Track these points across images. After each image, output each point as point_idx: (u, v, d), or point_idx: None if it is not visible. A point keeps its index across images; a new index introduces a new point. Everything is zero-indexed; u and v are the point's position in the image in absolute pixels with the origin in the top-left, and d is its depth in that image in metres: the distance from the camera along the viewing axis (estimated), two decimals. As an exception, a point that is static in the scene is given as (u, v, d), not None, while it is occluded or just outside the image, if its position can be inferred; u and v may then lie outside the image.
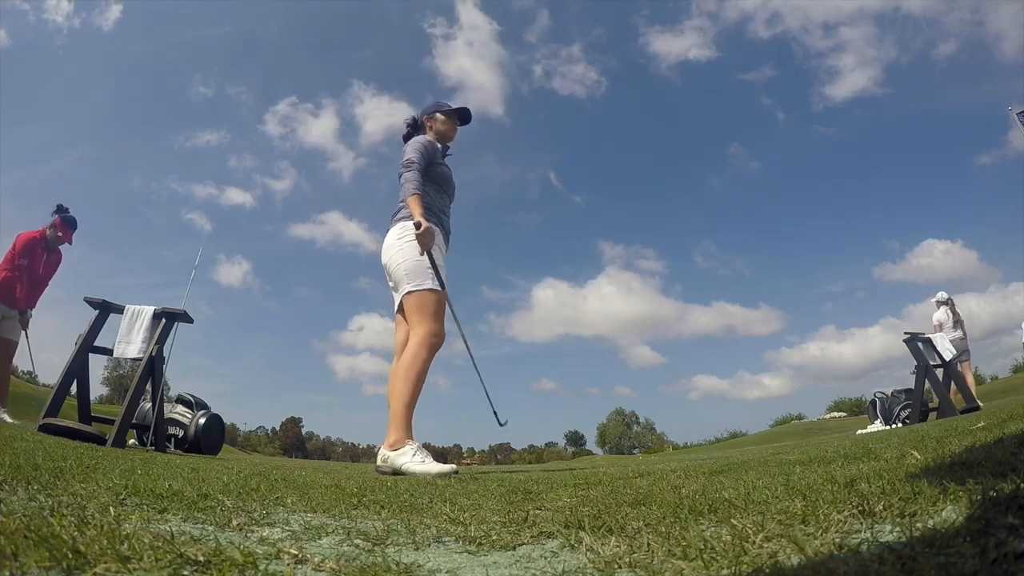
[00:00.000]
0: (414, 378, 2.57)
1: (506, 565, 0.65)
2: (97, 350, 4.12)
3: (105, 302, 4.11)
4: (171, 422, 5.30)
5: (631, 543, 0.68)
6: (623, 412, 67.34)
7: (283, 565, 0.59)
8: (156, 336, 4.07)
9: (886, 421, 7.22)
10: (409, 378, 2.56)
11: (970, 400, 5.99)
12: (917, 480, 0.85)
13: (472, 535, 0.79)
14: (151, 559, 0.53)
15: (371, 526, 0.86)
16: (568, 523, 0.85)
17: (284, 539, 0.73)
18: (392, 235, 2.84)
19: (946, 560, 0.46)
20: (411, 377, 2.56)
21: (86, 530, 0.61)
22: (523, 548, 0.73)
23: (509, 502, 1.21)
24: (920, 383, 6.26)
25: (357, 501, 1.21)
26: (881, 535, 0.59)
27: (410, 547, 0.73)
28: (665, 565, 0.58)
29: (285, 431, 68.93)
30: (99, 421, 4.22)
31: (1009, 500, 0.59)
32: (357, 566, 0.60)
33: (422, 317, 2.68)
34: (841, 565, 0.47)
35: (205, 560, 0.55)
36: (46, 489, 0.94)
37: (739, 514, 0.79)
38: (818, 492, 0.90)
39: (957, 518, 0.58)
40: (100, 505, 0.83)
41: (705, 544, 0.62)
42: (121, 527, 0.65)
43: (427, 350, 2.63)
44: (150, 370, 4.00)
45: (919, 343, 6.17)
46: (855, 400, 41.23)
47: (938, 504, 0.68)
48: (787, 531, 0.65)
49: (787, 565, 0.52)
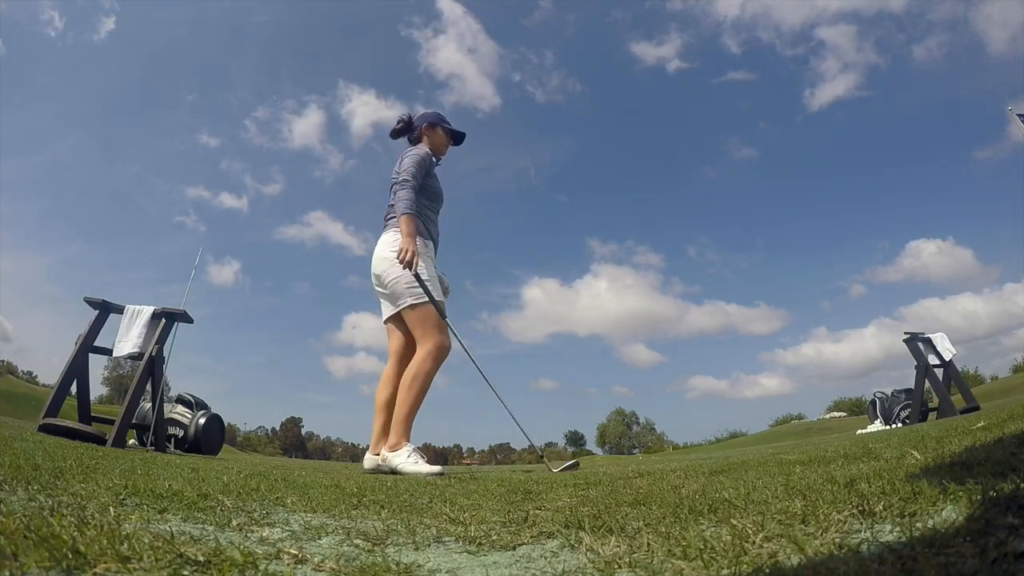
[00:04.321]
0: (418, 389, 2.70)
1: (506, 565, 0.65)
2: (97, 350, 4.11)
3: (105, 302, 4.11)
4: (171, 422, 5.29)
5: (631, 543, 0.68)
6: (623, 412, 67.37)
7: (283, 565, 0.59)
8: (156, 335, 4.07)
9: (886, 421, 7.22)
10: (414, 388, 2.69)
11: (970, 400, 5.99)
12: (917, 480, 0.85)
13: (472, 535, 0.79)
14: (151, 559, 0.53)
15: (371, 526, 0.86)
16: (568, 523, 0.85)
17: (284, 539, 0.73)
18: (384, 245, 2.86)
19: (946, 560, 0.46)
20: (416, 387, 2.69)
21: (86, 530, 0.61)
22: (523, 548, 0.73)
23: (509, 502, 1.21)
24: (920, 383, 6.27)
25: (357, 501, 1.21)
26: (881, 535, 0.59)
27: (410, 547, 0.73)
28: (665, 565, 0.58)
29: (285, 431, 68.95)
30: (99, 421, 4.22)
31: (1009, 500, 0.59)
32: (357, 566, 0.60)
33: (427, 330, 2.76)
34: (841, 565, 0.47)
35: (205, 560, 0.55)
36: (46, 489, 0.94)
37: (739, 514, 0.79)
38: (818, 492, 0.90)
39: (957, 518, 0.58)
40: (100, 505, 0.83)
41: (705, 544, 0.62)
42: (121, 527, 0.65)
43: (434, 362, 2.74)
44: (150, 370, 4.00)
45: (919, 343, 6.18)
46: (855, 400, 41.25)
47: (938, 504, 0.68)
48: (787, 531, 0.65)
49: (787, 565, 0.52)
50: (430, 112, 3.21)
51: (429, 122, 3.16)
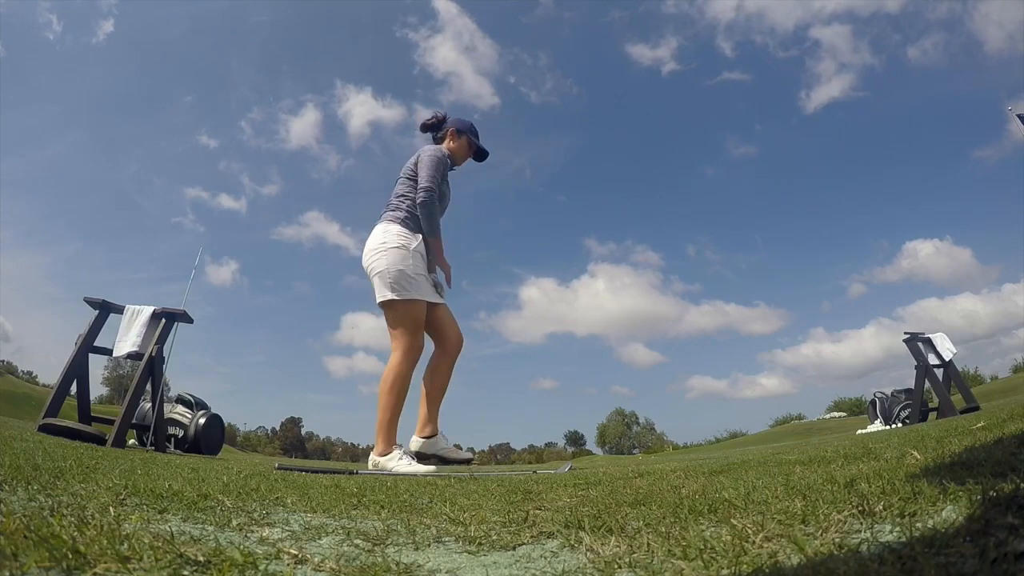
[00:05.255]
0: (397, 392, 2.70)
1: (506, 565, 0.65)
2: (97, 350, 4.12)
3: (105, 302, 4.11)
4: (171, 422, 5.30)
5: (631, 543, 0.68)
6: (623, 412, 67.31)
7: (283, 565, 0.59)
8: (156, 335, 4.07)
9: (886, 421, 7.22)
10: (392, 392, 2.69)
11: (970, 400, 5.99)
12: (917, 480, 0.85)
13: (472, 535, 0.79)
14: (151, 559, 0.53)
15: (371, 526, 0.86)
16: (568, 523, 0.85)
17: (284, 539, 0.73)
18: (376, 236, 2.83)
19: (946, 560, 0.46)
20: (394, 391, 2.69)
21: (86, 530, 0.61)
22: (523, 548, 0.73)
23: (509, 502, 1.21)
24: (920, 383, 6.27)
25: (357, 501, 1.21)
26: (881, 535, 0.59)
27: (410, 547, 0.73)
28: (665, 565, 0.58)
29: (285, 431, 68.92)
30: (99, 421, 4.22)
31: (1009, 500, 0.59)
32: (357, 566, 0.60)
33: (402, 330, 2.74)
34: (841, 565, 0.47)
35: (205, 560, 0.55)
36: (46, 489, 0.94)
37: (739, 514, 0.79)
38: (818, 492, 0.90)
39: (957, 518, 0.58)
40: (100, 505, 0.83)
41: (705, 544, 0.62)
42: (121, 527, 0.65)
43: (407, 364, 2.73)
44: (150, 370, 4.00)
45: (919, 343, 6.18)
46: (855, 400, 41.20)
47: (938, 504, 0.68)
48: (787, 531, 0.65)
49: (787, 565, 0.52)
50: (464, 120, 3.19)
51: (458, 128, 3.14)
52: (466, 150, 3.16)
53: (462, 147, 3.14)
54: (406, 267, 2.73)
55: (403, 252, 2.75)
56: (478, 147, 3.19)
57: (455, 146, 3.12)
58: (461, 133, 3.13)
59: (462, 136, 3.13)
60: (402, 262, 2.73)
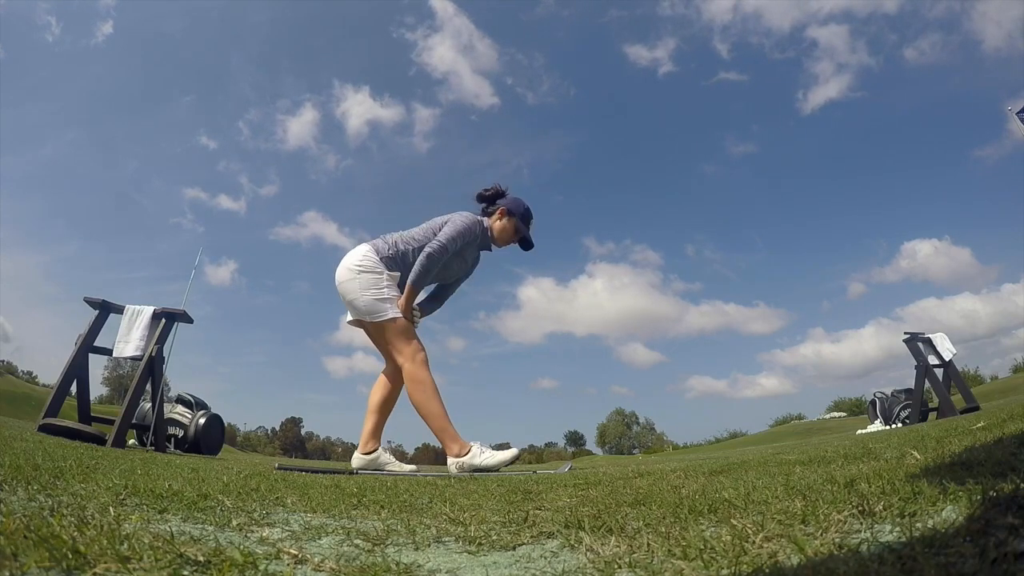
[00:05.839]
0: (431, 395, 2.75)
1: (506, 565, 0.65)
2: (97, 350, 4.12)
3: (105, 302, 4.11)
4: (171, 422, 5.30)
5: (631, 543, 0.68)
6: (623, 412, 67.30)
7: (283, 565, 0.59)
8: (156, 336, 4.07)
9: (886, 421, 7.22)
10: (428, 398, 2.74)
11: (970, 400, 5.99)
12: (917, 480, 0.85)
13: (472, 535, 0.79)
14: (151, 559, 0.52)
15: (371, 526, 0.86)
16: (568, 523, 0.85)
17: (284, 539, 0.73)
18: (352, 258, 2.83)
19: (946, 560, 0.45)
20: (428, 396, 2.74)
21: (86, 530, 0.61)
22: (523, 548, 0.73)
23: (509, 502, 1.21)
24: (920, 383, 6.27)
25: (357, 501, 1.21)
26: (881, 535, 0.59)
27: (410, 547, 0.73)
28: (665, 565, 0.58)
29: (285, 431, 68.91)
30: (99, 421, 4.22)
31: (1009, 500, 0.59)
32: (357, 566, 0.60)
33: (401, 344, 2.78)
34: (841, 565, 0.47)
35: (205, 560, 0.55)
36: (46, 489, 0.94)
37: (739, 514, 0.79)
38: (818, 492, 0.90)
39: (957, 518, 0.58)
40: (100, 505, 0.83)
41: (705, 544, 0.62)
42: (121, 527, 0.65)
43: (423, 368, 2.77)
44: (150, 370, 4.00)
45: (919, 343, 6.18)
46: (855, 400, 41.18)
47: (938, 504, 0.68)
48: (787, 531, 0.65)
49: (787, 565, 0.52)
50: (523, 202, 3.03)
51: (510, 209, 2.98)
52: (511, 234, 2.99)
53: (506, 230, 2.98)
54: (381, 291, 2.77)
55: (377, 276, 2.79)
56: (525, 236, 3.02)
57: (499, 226, 2.98)
58: (512, 215, 2.97)
59: (512, 219, 2.98)
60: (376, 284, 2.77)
